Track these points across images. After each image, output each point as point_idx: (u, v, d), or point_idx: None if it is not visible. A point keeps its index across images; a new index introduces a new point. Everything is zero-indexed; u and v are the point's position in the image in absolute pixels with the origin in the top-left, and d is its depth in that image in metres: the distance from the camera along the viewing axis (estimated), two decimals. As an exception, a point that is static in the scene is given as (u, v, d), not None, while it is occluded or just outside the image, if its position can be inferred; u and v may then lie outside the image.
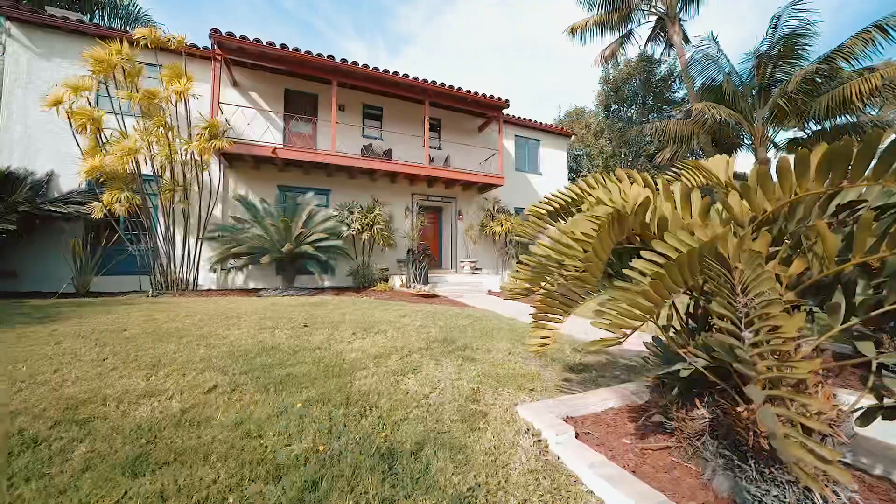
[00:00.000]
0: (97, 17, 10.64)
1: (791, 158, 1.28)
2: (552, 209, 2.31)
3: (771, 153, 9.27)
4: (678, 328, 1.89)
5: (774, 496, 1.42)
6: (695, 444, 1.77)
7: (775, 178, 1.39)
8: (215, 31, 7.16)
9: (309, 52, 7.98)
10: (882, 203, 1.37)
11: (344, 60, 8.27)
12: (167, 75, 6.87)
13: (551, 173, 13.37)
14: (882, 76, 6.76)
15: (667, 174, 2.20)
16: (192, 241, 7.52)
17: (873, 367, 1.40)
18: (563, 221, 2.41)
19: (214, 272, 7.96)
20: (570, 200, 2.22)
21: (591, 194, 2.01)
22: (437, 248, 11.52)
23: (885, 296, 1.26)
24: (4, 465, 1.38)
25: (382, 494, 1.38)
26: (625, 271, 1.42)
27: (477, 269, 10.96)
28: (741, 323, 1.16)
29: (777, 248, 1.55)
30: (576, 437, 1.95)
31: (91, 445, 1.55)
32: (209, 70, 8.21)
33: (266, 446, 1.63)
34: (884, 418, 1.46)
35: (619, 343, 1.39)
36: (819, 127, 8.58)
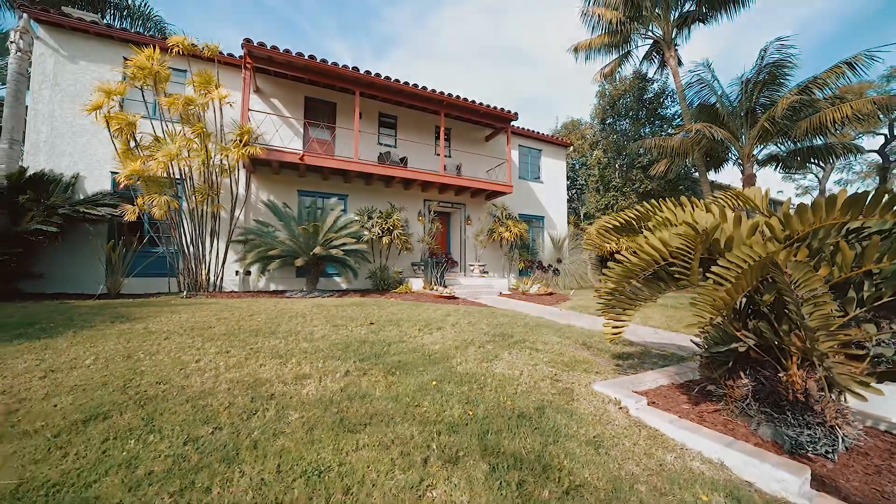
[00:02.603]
0: (108, 16, 10.55)
1: (823, 198, 1.86)
2: (618, 224, 2.86)
3: (754, 168, 10.35)
4: (724, 318, 2.46)
5: (808, 434, 1.99)
6: (741, 405, 2.34)
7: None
8: (247, 41, 7.41)
9: (335, 64, 8.33)
10: (878, 228, 1.98)
11: (368, 72, 8.66)
12: (197, 82, 7.07)
13: (551, 182, 14.12)
14: (852, 107, 7.94)
15: (711, 197, 2.78)
16: (221, 244, 7.70)
17: (874, 342, 2.01)
18: (620, 236, 2.97)
19: (247, 274, 8.16)
20: (634, 218, 2.77)
21: (656, 214, 2.57)
22: (446, 252, 11.99)
23: (883, 292, 1.86)
24: None
25: (537, 440, 1.87)
26: (707, 275, 1.96)
27: (485, 272, 11.51)
28: (799, 308, 1.73)
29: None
30: (647, 404, 2.50)
31: (299, 413, 1.96)
32: (231, 75, 8.42)
33: (428, 412, 2.07)
34: (878, 381, 2.07)
35: (706, 326, 1.94)
36: (795, 146, 9.80)
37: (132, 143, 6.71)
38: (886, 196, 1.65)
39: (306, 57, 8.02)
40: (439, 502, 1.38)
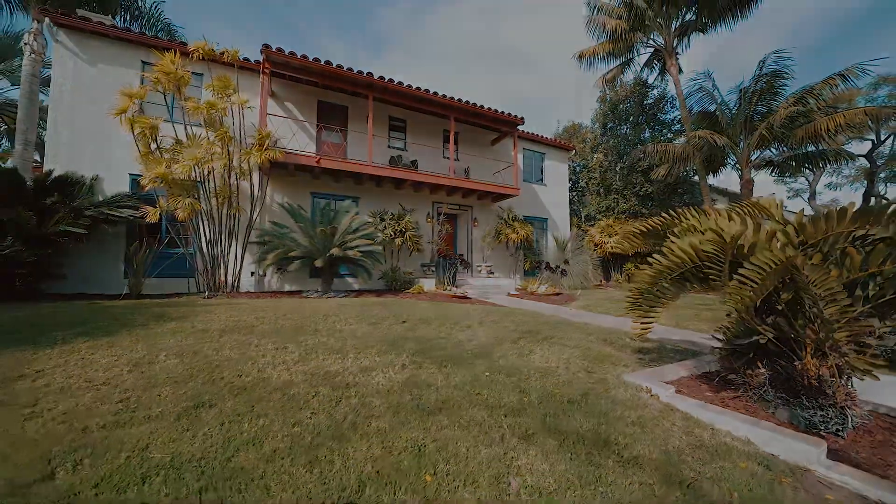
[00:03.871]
0: (119, 18, 10.57)
1: (835, 209, 2.15)
2: (645, 230, 3.14)
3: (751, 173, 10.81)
4: (747, 315, 2.75)
5: (821, 415, 2.29)
6: (759, 392, 2.63)
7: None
8: (266, 47, 7.57)
9: (350, 69, 8.52)
10: (882, 236, 2.28)
11: (381, 77, 8.87)
12: (217, 86, 7.21)
13: (554, 184, 14.46)
14: (844, 116, 8.47)
15: (730, 206, 3.07)
16: (239, 245, 7.84)
17: (877, 336, 2.32)
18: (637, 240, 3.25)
19: (263, 275, 8.33)
20: (661, 224, 3.05)
21: (682, 222, 2.85)
22: (455, 252, 12.24)
23: (886, 290, 2.17)
24: None
25: (591, 421, 2.13)
26: (734, 276, 2.25)
27: (492, 272, 11.78)
28: (817, 303, 2.01)
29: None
30: (675, 392, 2.78)
31: (379, 399, 2.19)
32: (247, 79, 8.56)
33: (489, 399, 2.32)
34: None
35: (728, 323, 2.22)
36: (790, 152, 10.32)
37: (153, 146, 6.83)
38: (890, 209, 1.95)
39: (322, 62, 8.21)
40: (526, 469, 1.64)
